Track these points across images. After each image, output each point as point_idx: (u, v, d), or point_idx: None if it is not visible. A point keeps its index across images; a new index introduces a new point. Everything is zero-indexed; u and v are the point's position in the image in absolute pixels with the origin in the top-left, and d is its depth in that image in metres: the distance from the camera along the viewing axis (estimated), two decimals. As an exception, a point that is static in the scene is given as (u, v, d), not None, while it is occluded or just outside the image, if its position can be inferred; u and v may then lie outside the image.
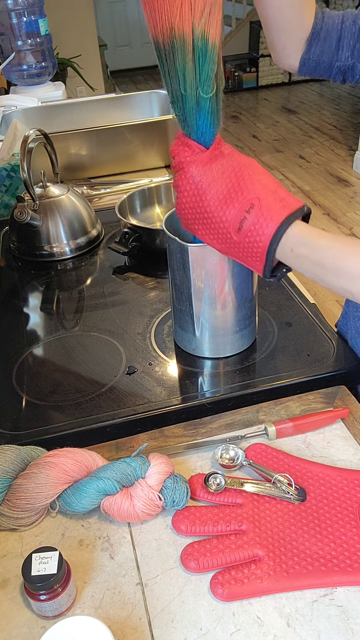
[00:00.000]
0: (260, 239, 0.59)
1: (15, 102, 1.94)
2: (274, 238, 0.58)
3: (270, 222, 0.58)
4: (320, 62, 0.75)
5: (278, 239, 0.58)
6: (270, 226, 0.58)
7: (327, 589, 0.55)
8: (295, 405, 0.75)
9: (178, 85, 0.59)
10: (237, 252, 0.62)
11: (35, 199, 1.09)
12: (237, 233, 0.60)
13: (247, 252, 0.61)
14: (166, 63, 0.59)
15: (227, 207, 0.60)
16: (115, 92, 2.69)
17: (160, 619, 0.54)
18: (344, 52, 0.73)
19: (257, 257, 0.60)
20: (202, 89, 0.59)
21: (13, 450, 0.63)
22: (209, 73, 0.58)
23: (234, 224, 0.60)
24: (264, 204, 0.58)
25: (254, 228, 0.59)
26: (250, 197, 0.59)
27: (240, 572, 0.55)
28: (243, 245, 0.61)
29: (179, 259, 0.74)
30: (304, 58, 0.75)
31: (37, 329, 0.93)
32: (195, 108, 0.60)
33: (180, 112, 0.61)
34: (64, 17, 3.71)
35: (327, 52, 0.74)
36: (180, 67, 0.58)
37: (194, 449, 0.71)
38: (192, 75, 0.58)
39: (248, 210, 0.59)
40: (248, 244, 0.60)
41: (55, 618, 0.54)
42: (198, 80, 0.59)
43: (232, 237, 0.61)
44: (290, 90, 5.97)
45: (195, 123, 0.61)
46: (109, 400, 0.76)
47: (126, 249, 1.06)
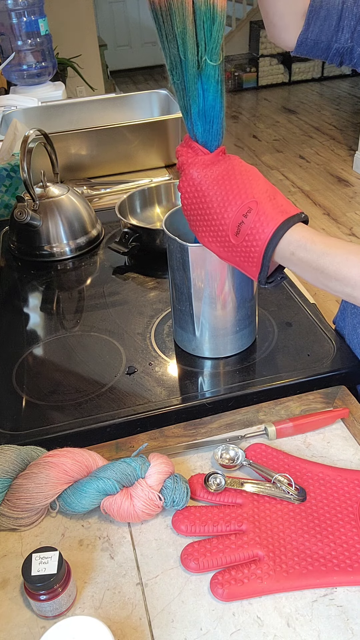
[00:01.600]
0: (257, 242, 0.59)
1: (15, 102, 1.94)
2: (270, 242, 0.58)
3: (267, 226, 0.58)
4: (319, 42, 0.73)
5: (275, 243, 0.58)
6: (267, 230, 0.58)
7: (327, 589, 0.55)
8: (295, 405, 0.75)
9: (177, 50, 0.57)
10: (234, 257, 0.62)
11: (35, 199, 1.09)
12: (235, 236, 0.60)
13: (244, 256, 0.61)
14: (164, 26, 0.57)
15: (226, 209, 0.60)
16: (115, 92, 2.69)
17: (160, 619, 0.54)
18: (343, 33, 0.71)
19: (253, 261, 0.60)
20: (210, 57, 0.57)
21: (13, 450, 0.63)
22: (218, 39, 0.56)
23: (232, 227, 0.60)
24: (261, 208, 0.58)
25: (251, 232, 0.59)
26: (248, 200, 0.59)
27: (240, 572, 0.55)
28: (240, 249, 0.61)
29: (179, 259, 0.74)
30: (302, 37, 0.73)
31: (37, 329, 0.93)
32: (196, 75, 0.58)
33: (180, 79, 0.59)
34: (64, 17, 3.71)
35: (326, 32, 0.72)
36: (179, 30, 0.56)
37: (194, 449, 0.71)
38: (192, 39, 0.56)
39: (246, 214, 0.58)
40: (245, 247, 0.60)
41: (55, 618, 0.54)
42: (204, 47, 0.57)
43: (230, 240, 0.61)
44: (290, 90, 5.97)
45: (197, 93, 0.59)
46: (109, 400, 0.76)
47: (126, 249, 1.06)
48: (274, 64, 6.00)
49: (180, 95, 0.61)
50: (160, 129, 1.49)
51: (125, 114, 1.69)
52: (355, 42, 0.72)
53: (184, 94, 0.60)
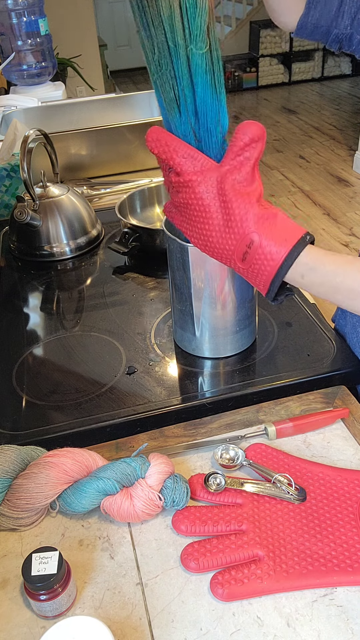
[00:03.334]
0: (264, 270, 0.57)
1: (15, 102, 1.94)
2: (278, 272, 0.57)
3: (273, 259, 0.56)
4: (319, 26, 0.72)
5: (283, 273, 0.57)
6: (272, 264, 0.56)
7: (327, 589, 0.55)
8: (295, 405, 0.75)
9: (164, 37, 0.54)
10: (243, 275, 0.61)
11: (35, 199, 1.09)
12: (241, 262, 0.59)
13: (252, 278, 0.60)
14: (149, 10, 0.54)
15: (230, 238, 0.58)
16: (115, 92, 2.69)
17: (160, 619, 0.54)
18: (343, 19, 0.71)
19: (261, 283, 0.59)
20: (195, 44, 0.54)
21: (13, 450, 0.63)
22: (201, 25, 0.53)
23: (238, 254, 0.58)
24: (263, 241, 0.56)
25: (256, 262, 0.57)
26: (248, 232, 0.56)
27: (240, 572, 0.55)
28: (248, 272, 0.59)
29: (179, 259, 0.74)
30: (302, 21, 0.72)
31: (37, 329, 0.93)
32: (186, 62, 0.55)
33: (169, 68, 0.55)
34: (64, 17, 3.71)
35: (326, 17, 0.71)
36: (166, 15, 0.53)
37: (194, 449, 0.71)
38: (180, 24, 0.53)
39: (249, 246, 0.57)
40: (252, 272, 0.59)
41: (55, 618, 0.54)
42: (188, 34, 0.53)
43: (237, 264, 0.60)
44: (290, 90, 5.97)
45: (188, 83, 0.55)
46: (109, 400, 0.76)
47: (126, 249, 1.06)
48: (274, 64, 6.00)
49: (168, 87, 0.57)
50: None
51: (125, 114, 1.69)
52: (354, 30, 0.71)
53: (174, 85, 0.56)
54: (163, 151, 0.58)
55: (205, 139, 0.59)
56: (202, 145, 0.59)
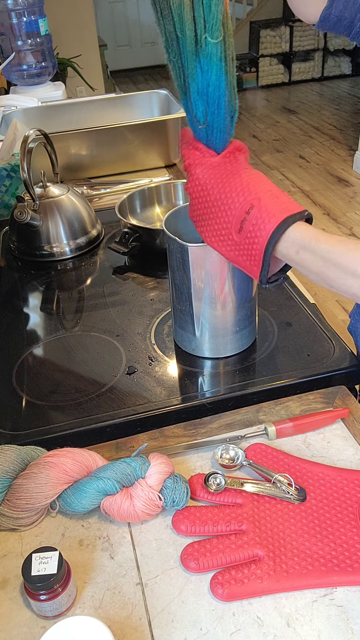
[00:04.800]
0: (258, 240, 0.59)
1: (15, 102, 1.94)
2: (272, 238, 0.58)
3: (269, 223, 0.58)
4: (342, 18, 0.71)
5: (275, 239, 0.58)
6: (268, 227, 0.58)
7: (327, 589, 0.55)
8: (295, 405, 0.75)
9: (173, 26, 0.56)
10: (238, 256, 0.63)
11: (35, 199, 1.09)
12: (237, 233, 0.60)
13: (247, 254, 0.61)
14: (159, 0, 0.56)
15: (229, 206, 0.60)
16: (115, 92, 2.69)
17: (160, 619, 0.53)
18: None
19: (255, 259, 0.60)
20: (211, 34, 0.55)
21: (13, 450, 0.63)
22: (217, 14, 0.55)
23: (235, 224, 0.60)
24: (263, 205, 0.58)
25: (252, 228, 0.59)
26: (250, 198, 0.59)
27: (240, 572, 0.55)
28: (243, 246, 0.61)
29: (179, 259, 0.74)
30: (325, 13, 0.71)
31: (37, 329, 0.93)
32: (194, 53, 0.56)
33: (176, 57, 0.58)
34: (64, 17, 3.71)
35: (350, 9, 0.70)
36: (175, 5, 0.55)
37: (194, 449, 0.71)
38: (190, 15, 0.55)
39: (248, 211, 0.59)
40: (247, 244, 0.60)
41: (55, 618, 0.54)
42: (203, 24, 0.55)
43: (233, 237, 0.61)
44: (290, 90, 5.97)
45: (196, 71, 0.57)
46: (109, 400, 0.76)
47: (126, 249, 1.06)
48: (274, 64, 6.00)
49: (177, 73, 0.59)
50: (160, 129, 1.49)
51: (125, 114, 1.69)
52: None
53: (181, 72, 0.59)
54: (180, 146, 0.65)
55: (215, 124, 0.61)
56: (209, 130, 0.62)
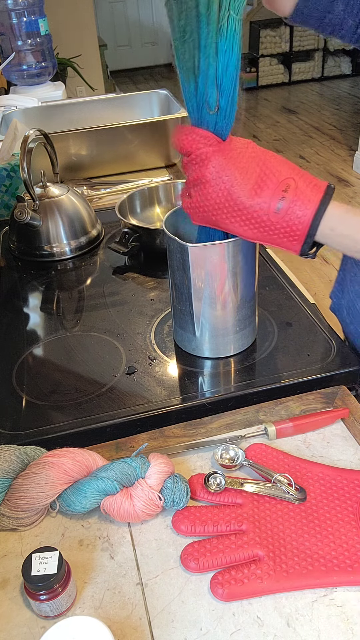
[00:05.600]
0: (299, 220, 0.60)
1: (15, 102, 1.94)
2: (316, 217, 0.59)
3: (309, 202, 0.59)
4: (314, 12, 0.72)
5: (319, 217, 0.59)
6: (309, 206, 0.59)
7: (327, 589, 0.55)
8: (295, 405, 0.75)
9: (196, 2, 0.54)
10: (271, 236, 0.62)
11: (35, 199, 1.09)
12: (275, 214, 0.60)
13: (284, 234, 0.61)
14: None
15: (262, 190, 0.60)
16: (115, 92, 2.69)
17: (160, 619, 0.54)
18: (338, 4, 0.71)
19: (295, 237, 0.61)
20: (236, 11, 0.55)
21: (13, 450, 0.63)
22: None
23: (272, 206, 0.60)
24: (299, 185, 0.59)
25: (292, 209, 0.59)
26: (284, 177, 0.60)
27: (240, 572, 0.55)
28: (281, 226, 0.61)
29: (179, 259, 0.74)
30: (300, 7, 0.72)
31: (37, 329, 0.93)
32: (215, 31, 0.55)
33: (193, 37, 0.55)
34: (64, 17, 3.71)
35: (323, 2, 0.71)
36: None
37: (194, 449, 0.71)
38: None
39: (285, 190, 0.59)
40: (287, 224, 0.60)
41: (55, 618, 0.54)
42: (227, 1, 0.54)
43: (269, 219, 0.61)
44: (290, 90, 5.97)
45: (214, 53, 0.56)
46: (109, 400, 0.76)
47: (126, 249, 1.06)
48: (274, 64, 6.00)
49: (189, 56, 0.57)
50: (160, 129, 1.49)
51: (125, 114, 1.69)
52: (347, 15, 0.72)
53: (196, 55, 0.56)
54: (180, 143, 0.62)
55: (228, 107, 0.61)
56: (220, 115, 0.61)
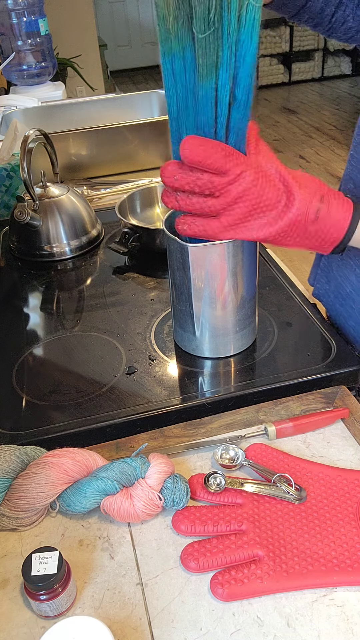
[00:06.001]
0: (336, 226, 0.61)
1: (15, 102, 1.94)
2: (352, 223, 0.61)
3: (344, 209, 0.61)
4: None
5: (356, 223, 0.61)
6: (346, 213, 0.61)
7: (327, 589, 0.55)
8: (295, 405, 0.75)
9: None
10: (302, 241, 0.63)
11: (35, 199, 1.09)
12: (313, 223, 0.61)
13: (318, 240, 0.63)
14: None
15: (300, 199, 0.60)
16: (115, 92, 2.69)
17: (160, 619, 0.54)
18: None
19: (330, 242, 0.63)
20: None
21: (13, 450, 0.63)
22: None
23: (310, 215, 0.61)
24: (330, 194, 0.61)
25: (328, 217, 0.61)
26: (317, 188, 0.61)
27: (240, 572, 0.55)
28: (317, 234, 0.62)
29: (179, 259, 0.74)
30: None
31: (37, 329, 0.93)
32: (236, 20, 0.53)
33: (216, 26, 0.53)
34: (64, 17, 3.71)
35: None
36: None
37: (194, 449, 0.71)
38: None
39: (321, 200, 0.61)
40: (324, 232, 0.62)
41: (55, 618, 0.54)
42: None
43: (307, 227, 0.62)
44: (290, 90, 5.97)
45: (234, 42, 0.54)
46: (109, 400, 0.76)
47: (126, 249, 1.06)
48: (273, 64, 6.00)
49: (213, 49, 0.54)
50: (160, 129, 1.49)
51: (125, 114, 1.69)
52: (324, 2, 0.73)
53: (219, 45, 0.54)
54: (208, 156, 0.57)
55: (242, 98, 0.59)
56: (235, 106, 0.59)
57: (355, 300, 0.84)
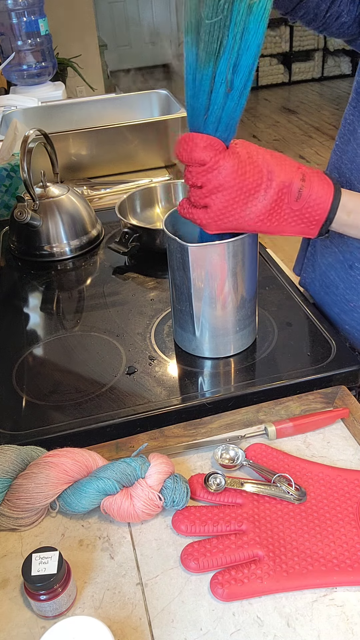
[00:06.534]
0: (319, 205, 0.63)
1: (15, 102, 1.94)
2: (334, 200, 0.63)
3: (326, 187, 0.63)
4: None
5: (338, 200, 0.63)
6: (327, 190, 0.63)
7: (327, 589, 0.55)
8: (295, 405, 0.75)
9: None
10: (290, 224, 0.65)
11: (35, 199, 1.09)
12: (296, 202, 0.63)
13: (304, 220, 0.65)
14: None
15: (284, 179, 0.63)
16: (115, 92, 2.69)
17: (160, 619, 0.54)
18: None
19: (314, 222, 0.65)
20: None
21: (13, 450, 0.63)
22: None
23: (293, 194, 0.63)
24: (310, 173, 0.64)
25: (310, 195, 0.63)
26: (296, 167, 0.63)
27: (240, 572, 0.55)
28: (301, 213, 0.64)
29: (179, 259, 0.74)
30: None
31: (37, 329, 0.93)
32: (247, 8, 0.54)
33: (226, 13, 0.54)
34: (64, 17, 3.71)
35: None
36: None
37: (194, 449, 0.71)
38: None
39: (302, 178, 0.63)
40: (307, 210, 0.64)
41: (55, 618, 0.54)
42: None
43: (290, 208, 0.64)
44: (290, 90, 5.97)
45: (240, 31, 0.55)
46: (109, 400, 0.76)
47: (126, 249, 1.06)
48: (274, 64, 6.00)
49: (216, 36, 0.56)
50: (160, 129, 1.49)
51: (125, 114, 1.69)
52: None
53: (224, 33, 0.56)
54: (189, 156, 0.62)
55: (238, 85, 0.60)
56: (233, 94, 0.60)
57: (339, 287, 0.86)
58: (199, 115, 0.61)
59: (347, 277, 0.84)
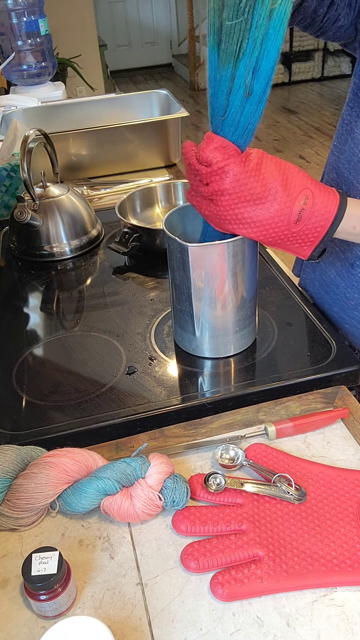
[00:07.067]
0: (318, 228, 0.63)
1: (15, 102, 1.94)
2: (334, 223, 0.63)
3: (328, 209, 0.63)
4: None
5: (337, 223, 0.63)
6: (329, 212, 0.63)
7: (327, 589, 0.55)
8: (295, 405, 0.75)
9: None
10: (285, 242, 0.66)
11: (35, 199, 1.09)
12: (295, 224, 0.63)
13: (301, 240, 0.65)
14: None
15: (285, 200, 0.62)
16: (115, 92, 2.69)
17: (160, 619, 0.54)
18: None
19: (309, 243, 0.65)
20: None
21: (13, 450, 0.63)
22: None
23: (293, 216, 0.63)
24: (316, 193, 0.63)
25: (310, 217, 0.63)
26: (302, 188, 0.63)
27: (240, 572, 0.55)
28: (300, 234, 0.64)
29: (179, 259, 0.74)
30: None
31: (37, 329, 0.93)
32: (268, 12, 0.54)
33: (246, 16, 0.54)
34: (64, 17, 3.71)
35: None
36: None
37: (194, 449, 0.71)
38: None
39: (305, 202, 0.62)
40: (305, 232, 0.64)
41: (55, 618, 0.54)
42: None
43: (289, 229, 0.64)
44: (290, 90, 5.97)
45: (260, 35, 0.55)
46: (109, 400, 0.76)
47: (126, 249, 1.06)
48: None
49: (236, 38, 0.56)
50: (160, 129, 1.49)
51: (125, 114, 1.69)
52: (317, 3, 0.73)
53: (244, 36, 0.56)
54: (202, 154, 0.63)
55: (258, 90, 0.60)
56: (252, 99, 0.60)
57: (339, 285, 0.86)
58: (217, 115, 0.62)
59: (348, 276, 0.84)
